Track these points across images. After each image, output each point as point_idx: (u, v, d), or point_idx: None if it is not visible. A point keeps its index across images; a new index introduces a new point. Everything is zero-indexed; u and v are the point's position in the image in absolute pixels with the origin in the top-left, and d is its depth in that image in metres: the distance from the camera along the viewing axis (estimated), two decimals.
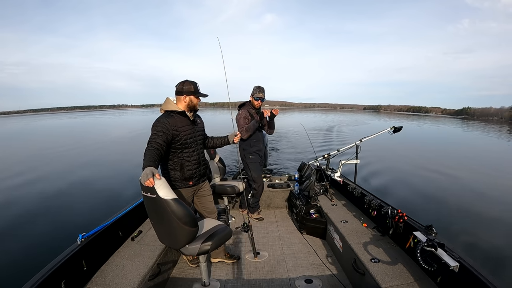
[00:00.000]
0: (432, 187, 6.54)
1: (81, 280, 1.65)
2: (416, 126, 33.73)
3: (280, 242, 2.77)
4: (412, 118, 64.16)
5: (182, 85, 1.93)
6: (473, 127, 37.53)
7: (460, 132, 28.36)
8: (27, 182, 6.67)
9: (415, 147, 13.75)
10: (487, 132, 28.48)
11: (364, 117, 57.61)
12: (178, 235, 1.66)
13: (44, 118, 67.20)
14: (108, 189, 6.10)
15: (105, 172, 7.72)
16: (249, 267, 2.34)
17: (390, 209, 2.12)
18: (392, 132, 3.64)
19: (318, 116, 54.32)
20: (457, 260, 1.47)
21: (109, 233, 2.02)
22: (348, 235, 2.25)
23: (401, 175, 7.63)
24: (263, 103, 3.05)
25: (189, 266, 2.34)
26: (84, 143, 14.33)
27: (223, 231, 1.86)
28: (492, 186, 6.78)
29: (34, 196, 5.61)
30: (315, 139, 13.92)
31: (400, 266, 1.80)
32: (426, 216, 4.65)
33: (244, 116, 2.95)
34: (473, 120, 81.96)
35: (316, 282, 2.11)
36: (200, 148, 2.09)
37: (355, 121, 36.31)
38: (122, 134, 19.60)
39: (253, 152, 3.07)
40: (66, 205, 5.12)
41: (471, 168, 9.04)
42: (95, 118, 52.56)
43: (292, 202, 3.39)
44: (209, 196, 2.26)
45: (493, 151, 14.89)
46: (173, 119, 1.89)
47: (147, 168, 1.53)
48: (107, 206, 4.95)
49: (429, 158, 10.76)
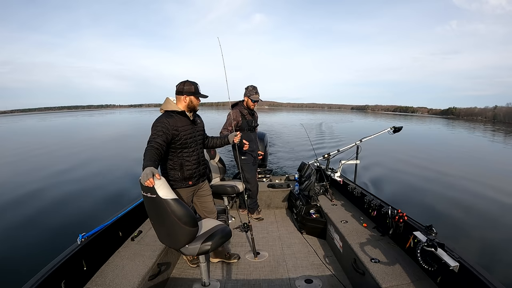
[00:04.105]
0: (432, 187, 6.53)
1: (81, 280, 1.65)
2: (416, 126, 33.87)
3: (280, 242, 2.77)
4: (398, 118, 64.32)
5: (183, 85, 1.93)
6: (463, 127, 37.74)
7: (458, 132, 28.43)
8: (27, 182, 6.66)
9: (415, 147, 13.75)
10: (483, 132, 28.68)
11: (351, 116, 59.94)
12: (178, 235, 1.66)
13: (33, 117, 66.61)
14: (108, 189, 6.10)
15: (105, 172, 7.71)
16: (249, 267, 2.34)
17: (390, 209, 2.12)
18: (392, 132, 3.64)
19: (306, 115, 55.25)
20: (457, 260, 1.47)
21: (109, 233, 2.02)
22: (348, 235, 2.25)
23: (401, 175, 7.63)
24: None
25: (189, 266, 2.34)
26: (84, 142, 14.32)
27: (223, 231, 1.86)
28: (492, 186, 6.77)
29: (34, 196, 5.61)
30: (313, 139, 13.96)
31: (400, 266, 1.80)
32: (426, 216, 4.64)
33: (233, 118, 2.89)
34: (459, 120, 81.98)
35: (316, 282, 2.11)
36: (199, 148, 2.09)
37: (341, 119, 40.22)
38: (122, 134, 19.61)
39: (245, 152, 3.05)
40: (66, 205, 5.12)
41: (471, 168, 9.05)
42: (89, 117, 52.43)
43: (292, 202, 3.39)
44: (208, 196, 2.26)
45: (493, 151, 14.88)
46: (173, 119, 1.89)
47: (147, 168, 1.53)
48: (107, 206, 4.95)
49: (429, 158, 10.76)
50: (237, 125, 2.97)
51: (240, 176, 3.16)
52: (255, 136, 3.18)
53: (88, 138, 17.34)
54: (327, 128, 21.88)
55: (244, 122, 3.00)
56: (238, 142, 2.30)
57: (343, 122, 33.65)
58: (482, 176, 7.84)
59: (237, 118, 2.95)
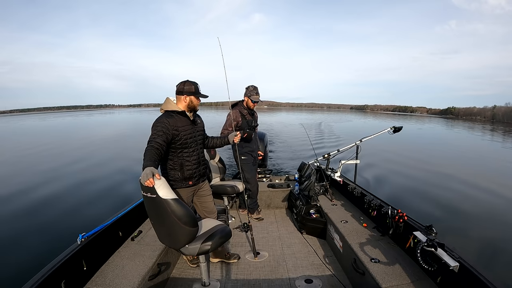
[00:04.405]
0: (432, 187, 6.53)
1: (81, 280, 1.65)
2: (416, 126, 33.93)
3: (280, 242, 2.77)
4: (397, 118, 64.35)
5: (183, 85, 1.93)
6: (462, 126, 37.87)
7: (457, 132, 28.48)
8: (27, 182, 6.66)
9: (415, 147, 13.75)
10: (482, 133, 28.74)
11: (350, 116, 60.62)
12: (178, 235, 1.66)
13: (32, 118, 66.53)
14: (108, 189, 6.09)
15: (105, 172, 7.71)
16: (249, 267, 2.34)
17: (390, 209, 2.12)
18: (392, 132, 3.64)
19: (305, 115, 55.60)
20: (457, 260, 1.47)
21: (109, 233, 2.02)
22: (348, 235, 2.25)
23: (401, 175, 7.63)
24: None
25: (189, 266, 2.34)
26: (83, 142, 14.31)
27: (223, 231, 1.86)
28: (492, 186, 6.78)
29: (34, 196, 5.60)
30: (312, 139, 13.97)
31: (400, 266, 1.80)
32: (426, 216, 4.64)
33: (233, 118, 2.88)
34: (458, 120, 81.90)
35: (316, 282, 2.11)
36: (200, 148, 2.09)
37: (340, 119, 41.19)
38: (121, 134, 19.60)
39: (245, 153, 3.06)
40: (66, 205, 5.11)
41: (471, 168, 9.05)
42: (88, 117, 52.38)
43: (292, 202, 3.39)
44: (208, 196, 2.26)
45: (492, 151, 14.89)
46: (173, 119, 1.89)
47: (147, 168, 1.53)
48: (107, 206, 4.95)
49: (429, 158, 10.76)
50: (237, 125, 2.96)
51: (240, 176, 3.17)
52: (255, 136, 3.18)
53: (87, 138, 17.32)
54: (326, 127, 22.22)
55: (244, 122, 2.99)
56: (238, 141, 2.30)
57: (342, 122, 34.38)
58: (482, 176, 7.84)
59: (237, 118, 2.95)
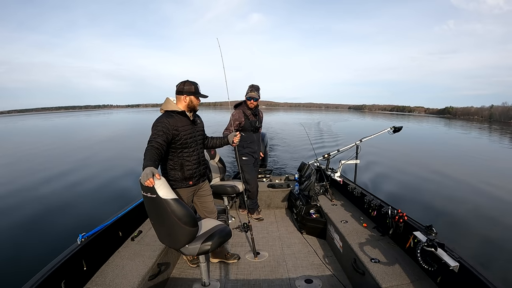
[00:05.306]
0: (432, 187, 6.54)
1: (81, 280, 1.65)
2: (415, 126, 33.97)
3: (280, 242, 2.77)
4: (395, 117, 64.44)
5: (183, 85, 1.93)
6: (461, 127, 37.89)
7: (457, 132, 28.49)
8: (27, 182, 6.67)
9: (415, 147, 13.76)
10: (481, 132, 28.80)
11: (347, 115, 61.39)
12: (178, 235, 1.66)
13: (32, 118, 66.71)
14: (108, 189, 6.09)
15: (105, 172, 7.71)
16: (249, 267, 2.33)
17: (390, 209, 2.12)
18: (392, 132, 3.64)
19: (303, 115, 55.79)
20: (457, 260, 1.47)
21: (109, 233, 2.02)
22: (348, 235, 2.25)
23: (401, 175, 7.63)
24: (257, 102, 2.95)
25: (189, 266, 2.34)
26: (83, 142, 14.31)
27: (223, 231, 1.86)
28: (492, 186, 6.78)
29: (34, 197, 5.61)
30: (312, 138, 13.97)
31: (400, 266, 1.80)
32: (426, 216, 4.64)
33: (236, 118, 2.88)
34: (455, 119, 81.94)
35: (316, 282, 2.11)
36: (200, 148, 2.09)
37: (338, 119, 42.07)
38: (121, 133, 19.59)
39: (246, 153, 3.04)
40: (66, 205, 5.11)
41: (471, 168, 9.05)
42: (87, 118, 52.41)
43: (292, 202, 3.39)
44: (209, 196, 2.26)
45: (492, 151, 14.89)
46: (173, 119, 1.89)
47: (147, 168, 1.53)
48: (107, 206, 4.95)
49: (429, 158, 10.77)
50: (240, 125, 2.94)
51: (240, 176, 3.17)
52: (257, 138, 3.14)
53: (87, 138, 17.32)
54: (325, 127, 22.29)
55: (247, 122, 2.96)
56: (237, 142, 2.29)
57: (340, 121, 35.35)
58: (482, 176, 7.84)
59: (240, 119, 2.92)
